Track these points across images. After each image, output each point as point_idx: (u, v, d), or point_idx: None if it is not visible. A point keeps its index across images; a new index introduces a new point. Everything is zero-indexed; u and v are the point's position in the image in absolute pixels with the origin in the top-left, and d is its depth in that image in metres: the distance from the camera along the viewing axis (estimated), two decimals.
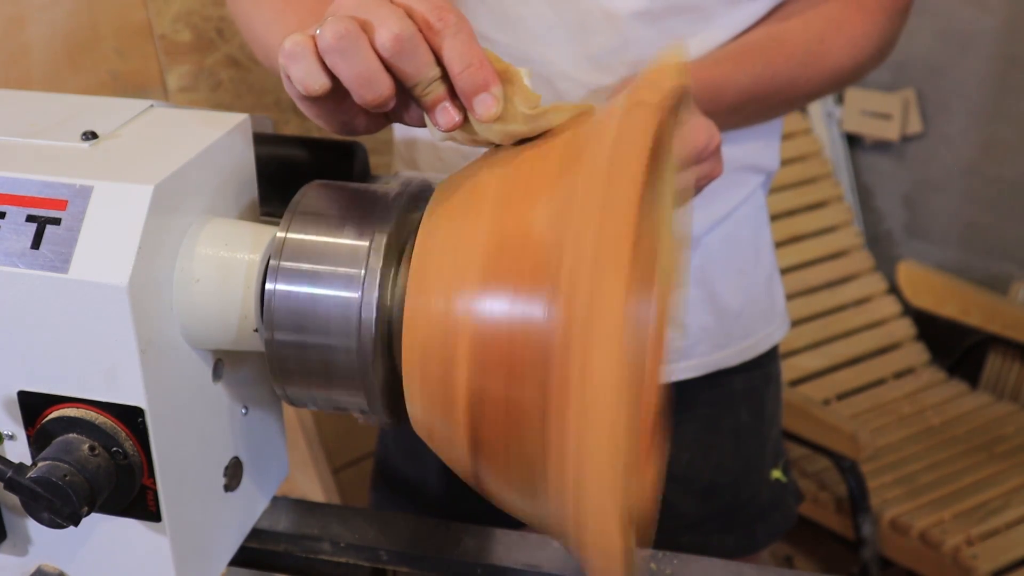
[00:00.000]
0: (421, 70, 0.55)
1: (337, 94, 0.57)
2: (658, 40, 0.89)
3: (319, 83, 0.56)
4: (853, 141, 2.45)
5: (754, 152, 1.00)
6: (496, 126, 0.56)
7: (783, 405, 1.18)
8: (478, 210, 0.55)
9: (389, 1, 0.55)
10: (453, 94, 0.56)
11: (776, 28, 0.91)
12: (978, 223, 2.35)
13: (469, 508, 0.65)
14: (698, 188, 0.77)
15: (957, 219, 2.38)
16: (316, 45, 0.55)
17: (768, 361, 1.10)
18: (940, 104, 2.34)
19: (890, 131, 2.35)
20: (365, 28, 0.54)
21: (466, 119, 0.57)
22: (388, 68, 0.55)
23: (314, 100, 0.58)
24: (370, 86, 0.55)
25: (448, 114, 0.56)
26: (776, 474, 1.13)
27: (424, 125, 0.59)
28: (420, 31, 0.54)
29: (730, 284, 1.03)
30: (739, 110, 0.90)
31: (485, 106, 0.55)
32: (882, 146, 2.43)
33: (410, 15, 0.55)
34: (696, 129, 0.73)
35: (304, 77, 0.56)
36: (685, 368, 1.03)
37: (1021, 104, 2.22)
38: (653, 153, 0.51)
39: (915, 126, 2.36)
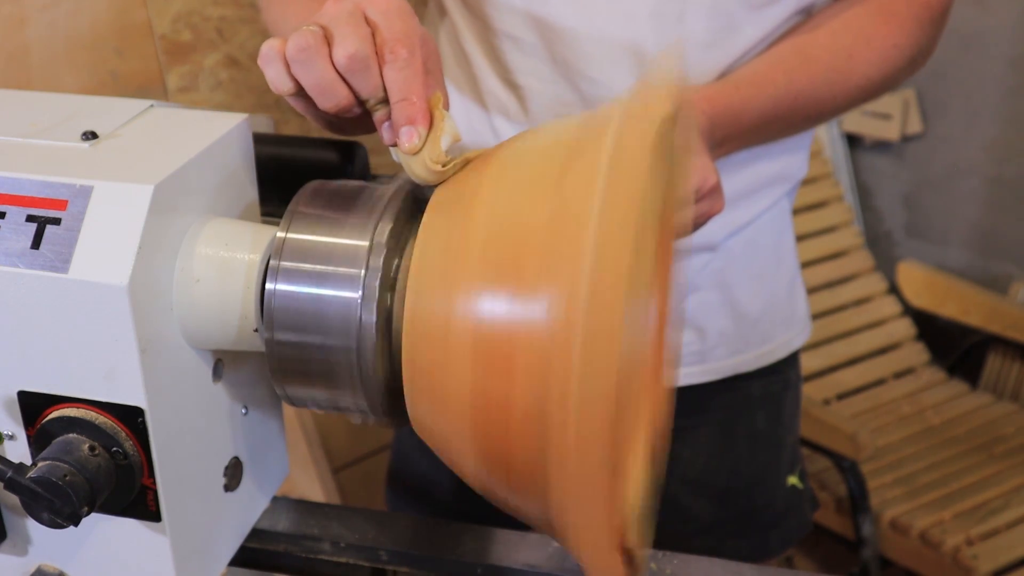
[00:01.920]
0: (370, 90, 0.59)
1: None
2: (684, 46, 0.88)
3: (286, 86, 0.61)
4: (853, 141, 2.45)
5: (782, 165, 0.99)
6: (409, 159, 0.60)
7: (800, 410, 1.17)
8: (478, 210, 0.55)
9: (363, 19, 0.59)
10: None
11: (802, 42, 0.89)
12: (977, 223, 2.35)
13: (485, 506, 0.65)
14: (695, 226, 0.77)
15: (957, 219, 2.37)
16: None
17: (787, 367, 1.09)
18: (940, 104, 2.33)
19: (890, 131, 2.35)
20: (330, 41, 0.59)
21: None
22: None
23: (297, 97, 0.62)
24: (326, 95, 0.60)
25: (389, 133, 0.61)
26: (792, 480, 1.12)
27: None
28: (376, 54, 0.59)
29: (750, 289, 1.02)
30: (759, 131, 0.89)
31: (407, 137, 0.59)
32: (882, 146, 2.43)
33: (375, 37, 0.59)
34: (689, 171, 0.73)
35: (274, 79, 0.61)
36: (702, 372, 1.03)
37: (1021, 104, 2.22)
38: (653, 155, 0.51)
39: (915, 126, 2.36)
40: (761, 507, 1.11)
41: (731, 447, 1.08)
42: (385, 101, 0.60)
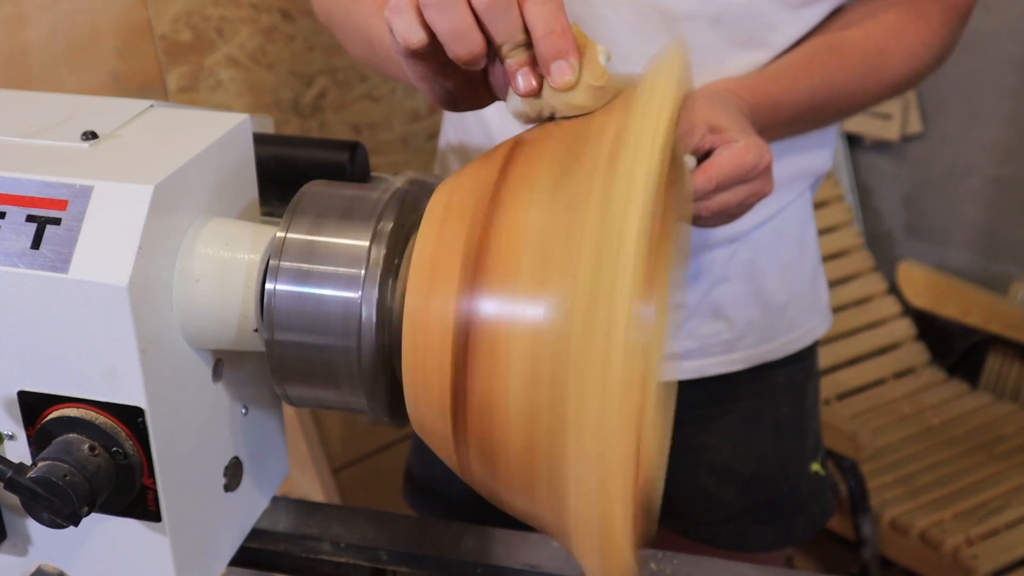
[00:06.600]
0: (509, 32, 0.57)
1: (439, 55, 0.59)
2: (722, 45, 0.89)
3: (417, 36, 0.58)
4: (853, 141, 2.45)
5: (808, 160, 1.00)
6: (564, 95, 0.57)
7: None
8: (479, 209, 0.55)
9: None
10: (534, 63, 0.58)
11: (836, 37, 0.90)
12: (978, 223, 2.34)
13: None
14: (747, 206, 0.78)
15: (957, 219, 2.37)
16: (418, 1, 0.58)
17: (809, 355, 1.11)
18: (940, 104, 2.33)
19: (890, 131, 2.35)
20: None
21: (540, 89, 0.58)
22: (481, 28, 0.57)
23: (418, 59, 0.60)
24: (461, 41, 0.57)
25: (527, 79, 0.58)
26: (815, 467, 1.13)
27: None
28: None
29: (777, 278, 1.03)
30: (795, 122, 0.90)
31: (560, 72, 0.57)
32: (882, 146, 2.43)
33: None
34: (746, 149, 0.74)
35: (404, 30, 0.58)
36: (730, 361, 1.04)
37: (1021, 104, 2.22)
38: (657, 153, 0.51)
39: (915, 126, 2.36)
40: (786, 494, 1.12)
41: (757, 435, 1.10)
42: (523, 45, 0.57)
